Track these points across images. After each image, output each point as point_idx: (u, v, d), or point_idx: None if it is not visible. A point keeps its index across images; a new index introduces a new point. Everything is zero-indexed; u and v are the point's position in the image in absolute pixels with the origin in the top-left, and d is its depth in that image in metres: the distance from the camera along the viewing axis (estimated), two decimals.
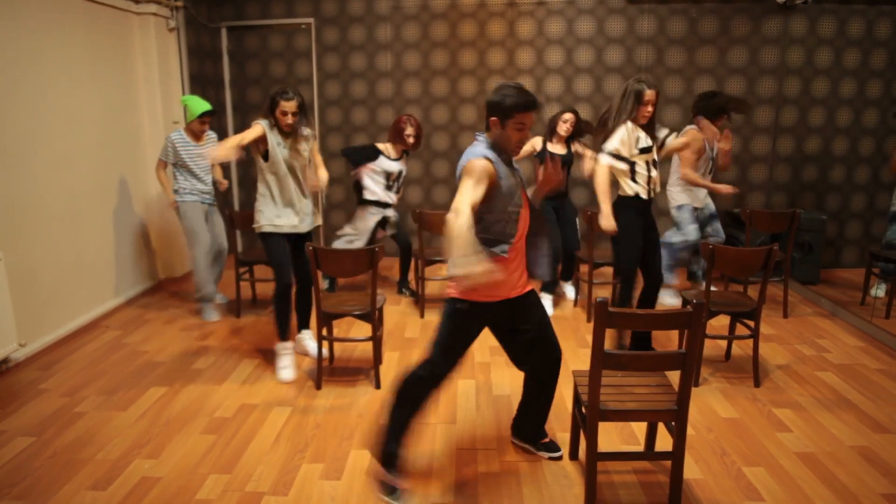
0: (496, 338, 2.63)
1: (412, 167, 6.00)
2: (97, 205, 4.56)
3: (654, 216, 3.66)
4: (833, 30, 5.54)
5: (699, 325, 2.20)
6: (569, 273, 4.96)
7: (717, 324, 4.10)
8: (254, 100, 6.16)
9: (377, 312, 3.45)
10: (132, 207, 5.01)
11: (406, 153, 4.78)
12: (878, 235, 5.67)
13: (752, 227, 4.51)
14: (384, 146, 4.66)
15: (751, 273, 3.43)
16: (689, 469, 2.62)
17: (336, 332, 4.15)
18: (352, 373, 3.65)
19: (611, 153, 3.42)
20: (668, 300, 4.66)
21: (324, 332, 3.47)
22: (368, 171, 4.62)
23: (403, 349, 3.98)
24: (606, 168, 3.44)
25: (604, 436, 2.87)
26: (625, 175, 3.45)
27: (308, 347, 3.79)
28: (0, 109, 3.65)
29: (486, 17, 5.77)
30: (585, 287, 4.64)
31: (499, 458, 2.74)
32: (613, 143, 3.41)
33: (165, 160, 4.39)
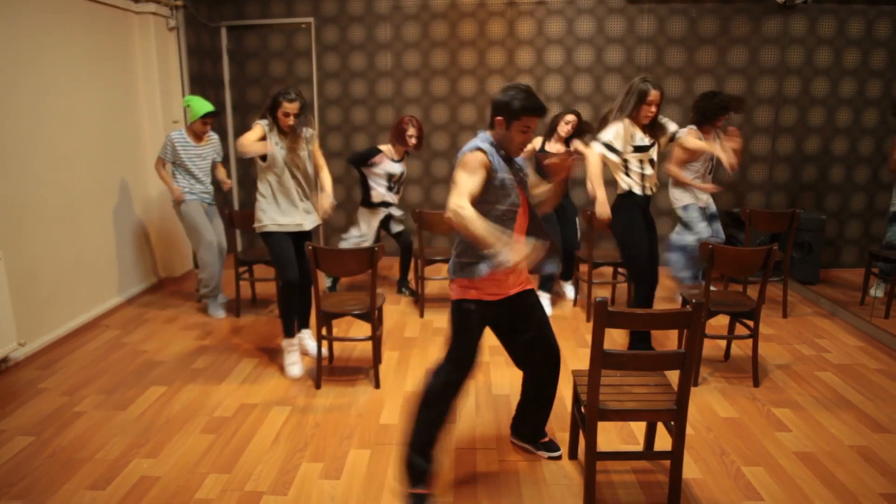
0: (497, 338, 2.63)
1: (412, 167, 6.00)
2: (97, 204, 4.57)
3: (654, 216, 3.66)
4: (833, 30, 5.54)
5: (698, 325, 2.20)
6: (568, 273, 4.96)
7: (717, 323, 4.10)
8: (253, 99, 6.16)
9: (377, 312, 3.45)
10: (132, 207, 5.01)
11: (406, 154, 4.79)
12: (878, 235, 5.67)
13: (752, 227, 4.51)
14: (386, 147, 4.67)
15: (750, 273, 3.43)
16: (689, 469, 2.62)
17: (335, 332, 4.16)
18: (351, 372, 3.65)
19: (604, 143, 3.43)
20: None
21: (323, 332, 3.48)
22: (372, 175, 4.64)
23: (403, 349, 3.99)
24: (598, 156, 3.44)
25: (603, 435, 2.87)
26: (618, 168, 3.45)
27: (308, 347, 3.80)
28: (0, 109, 3.65)
29: (486, 17, 5.77)
30: (585, 287, 4.64)
31: (498, 458, 2.74)
32: (608, 135, 3.42)
33: (164, 158, 4.39)
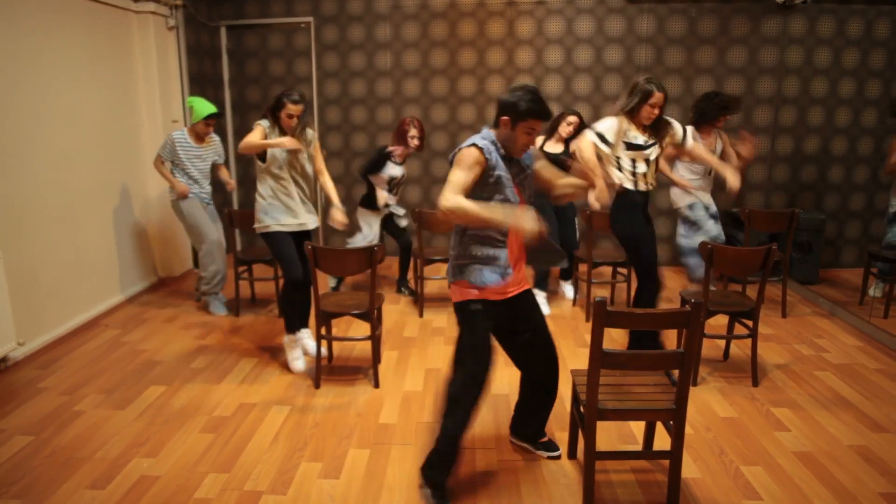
0: (496, 338, 2.62)
1: (411, 167, 6.00)
2: (96, 203, 4.56)
3: (653, 216, 3.65)
4: (832, 30, 5.54)
5: (697, 325, 2.20)
6: (568, 272, 4.96)
7: (716, 323, 4.10)
8: (253, 99, 6.16)
9: (376, 311, 3.45)
10: (131, 206, 5.01)
11: (407, 157, 4.79)
12: (877, 235, 5.67)
13: (751, 227, 4.52)
14: (394, 148, 4.65)
15: (750, 273, 3.43)
16: (688, 468, 2.63)
17: (335, 332, 4.16)
18: (351, 372, 3.65)
19: (597, 133, 3.44)
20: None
21: (322, 332, 3.48)
22: (377, 180, 4.68)
23: (402, 348, 3.99)
24: (591, 144, 3.44)
25: (602, 435, 2.87)
26: (609, 162, 3.46)
27: (307, 346, 3.79)
28: (0, 109, 3.65)
29: (486, 17, 5.77)
30: (584, 286, 4.64)
31: (497, 458, 2.74)
32: (601, 126, 3.43)
33: (163, 157, 4.39)
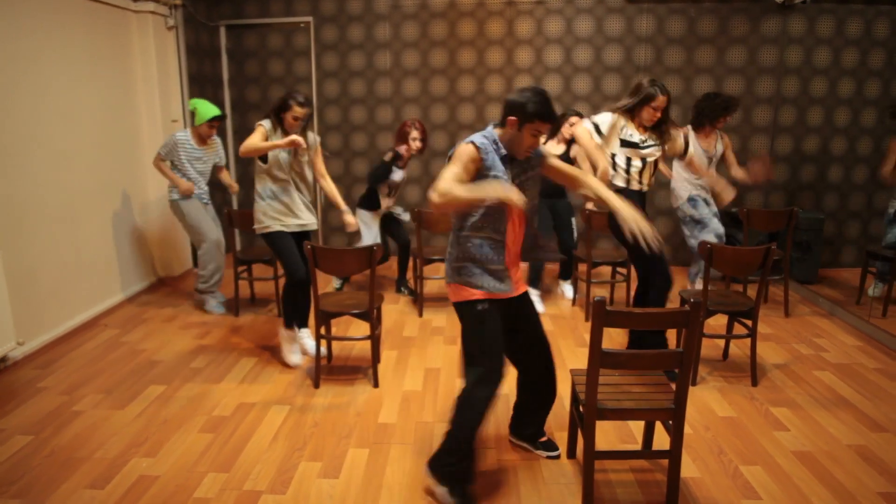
0: None
1: (411, 167, 5.98)
2: (96, 203, 4.56)
3: (653, 216, 3.65)
4: (831, 29, 5.55)
5: (697, 325, 2.20)
6: (567, 272, 4.96)
7: (715, 323, 4.10)
8: (252, 98, 6.16)
9: (375, 311, 3.45)
10: (131, 206, 5.00)
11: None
12: (876, 235, 5.67)
13: (750, 227, 4.52)
14: (401, 147, 4.63)
15: (749, 272, 3.44)
16: (687, 468, 2.63)
17: (334, 331, 4.16)
18: (350, 371, 3.65)
19: (593, 123, 3.46)
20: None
21: (322, 331, 3.48)
22: (382, 188, 4.71)
23: (402, 348, 3.99)
24: (587, 130, 3.45)
25: (601, 435, 2.88)
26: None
27: (306, 346, 3.80)
28: (0, 109, 3.64)
29: (485, 16, 5.77)
30: (583, 286, 4.64)
31: (497, 457, 2.74)
32: (598, 118, 3.46)
33: (162, 155, 4.38)
